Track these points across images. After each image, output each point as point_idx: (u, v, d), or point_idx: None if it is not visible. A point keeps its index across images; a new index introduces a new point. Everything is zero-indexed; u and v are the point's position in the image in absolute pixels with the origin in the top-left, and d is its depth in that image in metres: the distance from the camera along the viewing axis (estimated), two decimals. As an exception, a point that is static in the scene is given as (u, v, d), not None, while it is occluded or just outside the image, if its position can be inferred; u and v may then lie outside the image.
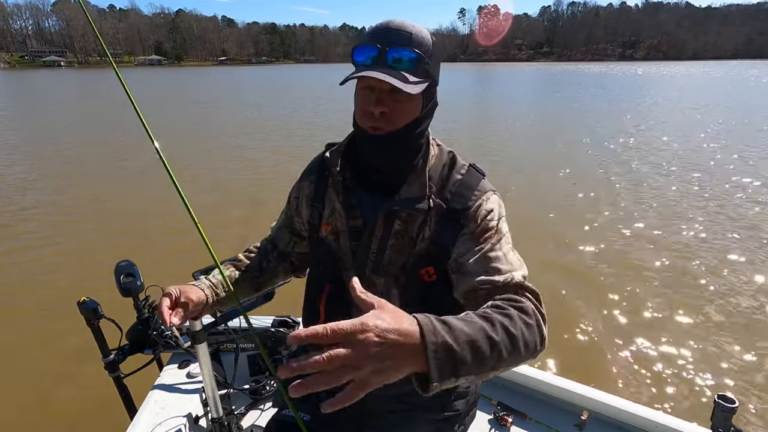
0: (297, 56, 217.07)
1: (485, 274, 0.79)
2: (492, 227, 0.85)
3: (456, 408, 1.03)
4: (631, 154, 9.27)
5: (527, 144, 10.84)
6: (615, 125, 13.18)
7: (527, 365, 1.68)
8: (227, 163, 8.95)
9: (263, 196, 6.66)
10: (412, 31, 0.80)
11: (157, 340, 1.54)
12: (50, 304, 3.74)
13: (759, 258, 4.44)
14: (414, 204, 0.86)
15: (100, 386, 1.95)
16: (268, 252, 1.12)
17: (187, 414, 1.52)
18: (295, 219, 1.06)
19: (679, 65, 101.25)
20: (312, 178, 1.01)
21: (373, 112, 0.81)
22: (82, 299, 1.42)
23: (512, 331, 0.63)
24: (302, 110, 18.34)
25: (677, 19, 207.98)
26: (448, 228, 0.86)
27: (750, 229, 5.18)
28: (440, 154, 0.92)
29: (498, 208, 0.88)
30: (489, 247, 0.82)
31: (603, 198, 6.41)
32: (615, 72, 62.05)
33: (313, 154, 1.04)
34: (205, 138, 11.80)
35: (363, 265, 0.91)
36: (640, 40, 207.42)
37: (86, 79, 53.04)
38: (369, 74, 0.76)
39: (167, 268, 4.23)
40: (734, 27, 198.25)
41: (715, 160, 8.73)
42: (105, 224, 5.68)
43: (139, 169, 8.14)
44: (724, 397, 1.26)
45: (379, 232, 0.89)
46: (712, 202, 6.21)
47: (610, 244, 4.88)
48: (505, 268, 0.79)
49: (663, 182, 7.24)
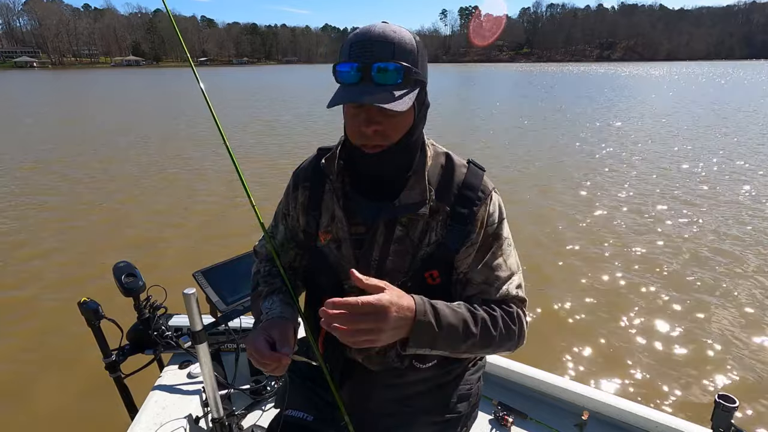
0: (279, 57, 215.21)
1: (485, 284, 0.87)
2: (494, 232, 0.88)
3: (458, 410, 1.02)
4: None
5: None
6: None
7: (527, 365, 1.72)
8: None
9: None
10: (395, 40, 0.75)
11: (158, 340, 1.53)
12: (51, 303, 3.74)
13: (761, 260, 4.41)
14: (415, 209, 0.85)
15: (100, 386, 1.93)
16: (275, 274, 1.00)
17: (187, 414, 1.51)
18: (298, 231, 1.00)
19: (658, 66, 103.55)
20: (306, 185, 0.96)
21: (366, 132, 0.79)
22: (83, 299, 1.41)
23: (491, 330, 0.81)
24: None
25: (652, 20, 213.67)
26: (455, 231, 0.86)
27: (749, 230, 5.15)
28: (436, 156, 0.92)
29: (499, 210, 0.90)
30: (491, 256, 0.88)
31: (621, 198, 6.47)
32: (612, 72, 62.66)
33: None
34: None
35: (366, 272, 0.87)
36: (616, 41, 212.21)
37: (67, 81, 51.51)
38: (356, 101, 0.75)
39: (167, 269, 4.20)
40: (705, 29, 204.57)
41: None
42: (105, 224, 5.63)
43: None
44: (725, 397, 1.25)
45: (381, 238, 0.87)
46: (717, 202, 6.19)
47: (600, 241, 4.90)
48: (504, 275, 0.88)
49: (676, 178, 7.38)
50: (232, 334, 1.67)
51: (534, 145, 10.44)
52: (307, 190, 0.96)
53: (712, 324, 3.37)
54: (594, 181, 7.33)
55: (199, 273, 1.50)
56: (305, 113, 17.18)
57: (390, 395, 0.97)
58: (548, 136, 11.60)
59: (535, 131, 12.40)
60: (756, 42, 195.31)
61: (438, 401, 1.00)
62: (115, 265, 1.46)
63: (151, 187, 7.20)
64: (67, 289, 3.96)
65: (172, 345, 1.55)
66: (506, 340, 0.84)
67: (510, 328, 0.84)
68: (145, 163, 8.96)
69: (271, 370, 0.78)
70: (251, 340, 0.81)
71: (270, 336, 0.81)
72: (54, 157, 9.44)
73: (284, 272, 0.93)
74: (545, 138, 11.30)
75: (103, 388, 1.72)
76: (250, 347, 0.80)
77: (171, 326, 1.65)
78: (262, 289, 0.97)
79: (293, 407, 1.03)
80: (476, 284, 0.87)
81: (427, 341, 0.75)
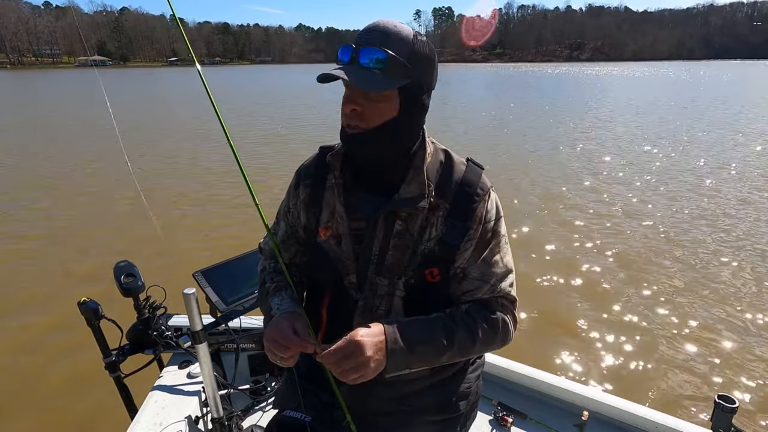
0: (252, 57, 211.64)
1: (481, 279, 0.90)
2: (491, 229, 0.90)
3: (457, 409, 1.02)
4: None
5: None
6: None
7: (527, 365, 1.73)
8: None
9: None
10: (390, 32, 0.79)
11: (158, 340, 1.53)
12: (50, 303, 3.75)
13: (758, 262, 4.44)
14: (414, 203, 0.86)
15: (100, 386, 1.91)
16: (280, 270, 1.02)
17: (187, 414, 1.50)
18: (298, 228, 1.02)
19: (627, 66, 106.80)
20: (307, 182, 0.98)
21: (345, 111, 0.83)
22: (83, 299, 1.40)
23: (467, 342, 0.86)
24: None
25: (618, 21, 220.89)
26: (455, 228, 0.87)
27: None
28: (435, 153, 0.93)
29: (496, 208, 0.92)
30: (488, 252, 0.90)
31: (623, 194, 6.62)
32: (588, 72, 64.46)
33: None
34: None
35: (366, 267, 0.90)
36: (585, 42, 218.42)
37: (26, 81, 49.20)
38: (333, 73, 0.78)
39: (167, 268, 4.17)
40: (667, 30, 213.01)
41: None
42: (104, 224, 5.62)
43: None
44: (725, 398, 1.25)
45: (381, 233, 0.88)
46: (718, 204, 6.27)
47: (602, 240, 4.97)
48: (500, 272, 0.91)
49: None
50: (232, 334, 1.67)
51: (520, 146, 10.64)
52: (308, 187, 0.97)
53: (713, 324, 3.36)
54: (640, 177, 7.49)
55: (198, 273, 1.50)
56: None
57: (388, 394, 0.98)
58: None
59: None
60: (714, 43, 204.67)
61: (437, 400, 1.00)
62: (116, 265, 1.45)
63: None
64: (67, 289, 3.94)
65: (172, 345, 1.55)
66: (486, 344, 0.89)
67: (489, 335, 0.88)
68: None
69: (287, 358, 0.81)
70: (274, 327, 0.83)
71: (293, 325, 0.83)
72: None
73: (286, 268, 0.95)
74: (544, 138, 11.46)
75: (103, 387, 1.70)
76: (273, 333, 0.82)
77: (171, 326, 1.64)
78: (269, 285, 0.98)
79: (291, 408, 1.03)
80: (472, 279, 0.89)
81: (403, 365, 0.81)
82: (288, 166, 8.12)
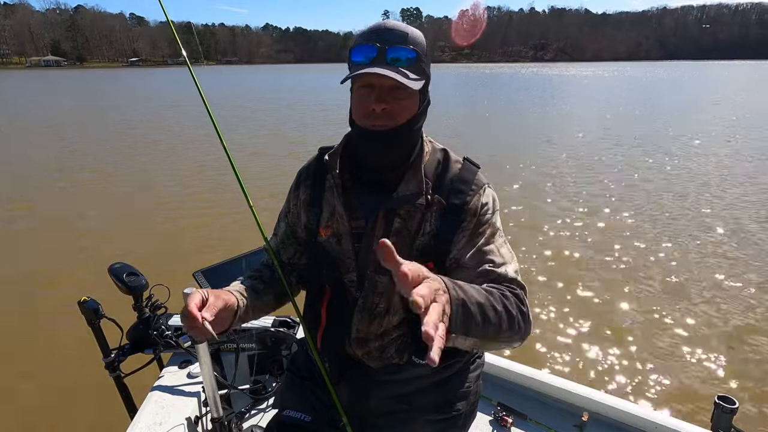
0: (218, 57, 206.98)
1: (480, 267, 0.85)
2: (486, 221, 0.88)
3: (457, 409, 1.01)
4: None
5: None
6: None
7: (527, 365, 1.72)
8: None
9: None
10: (408, 31, 0.82)
11: (158, 339, 1.51)
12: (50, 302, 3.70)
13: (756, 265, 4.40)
14: (412, 200, 0.87)
15: (100, 386, 1.87)
16: (267, 265, 1.04)
17: (187, 415, 1.50)
18: (298, 228, 1.02)
19: (590, 66, 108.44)
20: (308, 183, 0.99)
21: (375, 109, 0.81)
22: (83, 299, 1.38)
23: (509, 308, 0.74)
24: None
25: (579, 23, 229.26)
26: (449, 222, 0.88)
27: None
28: (433, 151, 0.94)
29: (492, 202, 0.91)
30: (483, 241, 0.87)
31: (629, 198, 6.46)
32: (559, 73, 63.07)
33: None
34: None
35: (366, 265, 0.91)
36: (548, 42, 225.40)
37: None
38: (373, 70, 0.77)
39: (166, 269, 4.08)
40: (625, 32, 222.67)
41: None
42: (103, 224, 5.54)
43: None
44: (725, 398, 1.24)
45: (380, 231, 0.88)
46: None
47: (602, 240, 4.92)
48: (498, 260, 0.85)
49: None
50: (232, 334, 1.67)
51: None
52: (309, 187, 0.98)
53: (713, 325, 3.36)
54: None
55: (199, 272, 1.50)
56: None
57: (388, 393, 0.97)
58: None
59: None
60: (669, 45, 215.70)
61: (437, 399, 0.99)
62: (111, 266, 1.43)
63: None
64: (66, 289, 3.90)
65: (172, 345, 1.53)
66: (521, 321, 0.77)
67: (521, 309, 0.78)
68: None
69: (188, 327, 0.74)
70: (191, 293, 0.78)
71: (206, 296, 0.77)
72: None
73: (279, 265, 0.95)
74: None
75: (103, 387, 1.68)
76: (186, 299, 0.77)
77: (171, 326, 1.62)
78: (248, 273, 1.01)
79: (291, 408, 1.03)
80: (468, 268, 0.86)
81: (463, 323, 0.64)
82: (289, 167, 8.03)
